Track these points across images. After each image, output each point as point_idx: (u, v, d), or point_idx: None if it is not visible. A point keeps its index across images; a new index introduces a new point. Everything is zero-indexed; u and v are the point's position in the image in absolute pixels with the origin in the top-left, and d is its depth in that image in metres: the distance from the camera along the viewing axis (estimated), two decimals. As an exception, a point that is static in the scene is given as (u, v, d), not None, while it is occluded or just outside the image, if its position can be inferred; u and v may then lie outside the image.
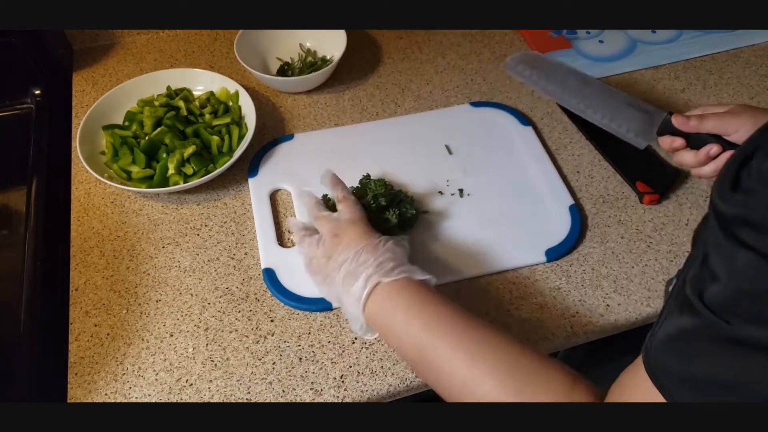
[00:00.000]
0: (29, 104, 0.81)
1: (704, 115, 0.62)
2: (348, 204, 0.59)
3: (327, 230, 0.57)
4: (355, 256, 0.53)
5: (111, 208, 0.71)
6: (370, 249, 0.53)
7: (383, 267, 0.52)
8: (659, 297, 0.63)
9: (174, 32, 0.93)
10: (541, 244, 0.66)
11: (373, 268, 0.52)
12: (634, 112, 0.66)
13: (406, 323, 0.49)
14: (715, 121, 0.61)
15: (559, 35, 0.94)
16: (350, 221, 0.57)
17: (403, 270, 0.52)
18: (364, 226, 0.57)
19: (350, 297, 0.52)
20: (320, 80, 0.83)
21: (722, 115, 0.61)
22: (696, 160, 0.62)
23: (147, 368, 0.58)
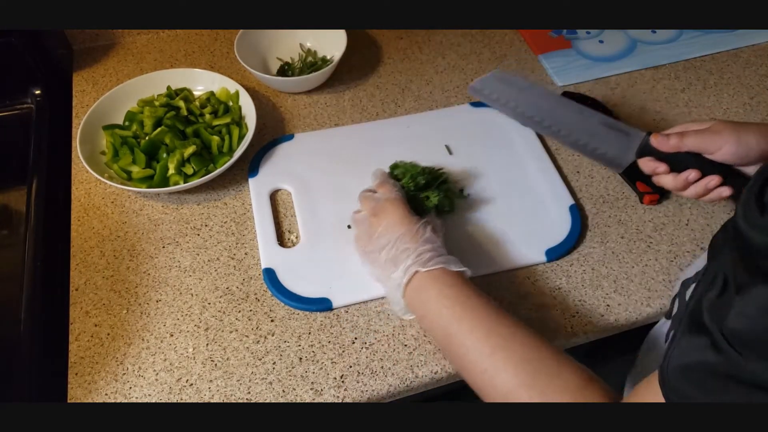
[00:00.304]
0: (29, 104, 0.81)
1: (684, 133, 0.59)
2: (386, 186, 0.62)
3: (368, 209, 0.61)
4: (395, 242, 0.56)
5: (111, 208, 0.71)
6: (410, 236, 0.56)
7: (422, 257, 0.55)
8: (659, 297, 0.63)
9: (174, 32, 0.93)
10: (541, 244, 0.66)
11: (412, 258, 0.55)
12: (611, 133, 0.63)
13: (437, 311, 0.52)
14: (696, 138, 0.58)
15: (559, 35, 0.94)
16: (389, 201, 0.60)
17: (439, 261, 0.55)
18: (403, 209, 0.59)
19: (391, 282, 0.56)
20: (320, 80, 0.83)
21: (702, 132, 0.58)
22: (674, 184, 0.61)
23: (147, 368, 0.58)
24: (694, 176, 0.59)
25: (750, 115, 0.82)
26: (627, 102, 0.84)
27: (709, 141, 0.58)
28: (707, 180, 0.59)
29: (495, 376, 0.47)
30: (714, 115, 0.82)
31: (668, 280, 0.64)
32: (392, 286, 0.56)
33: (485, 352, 0.48)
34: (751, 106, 0.83)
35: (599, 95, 0.85)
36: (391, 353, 0.59)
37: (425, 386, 0.59)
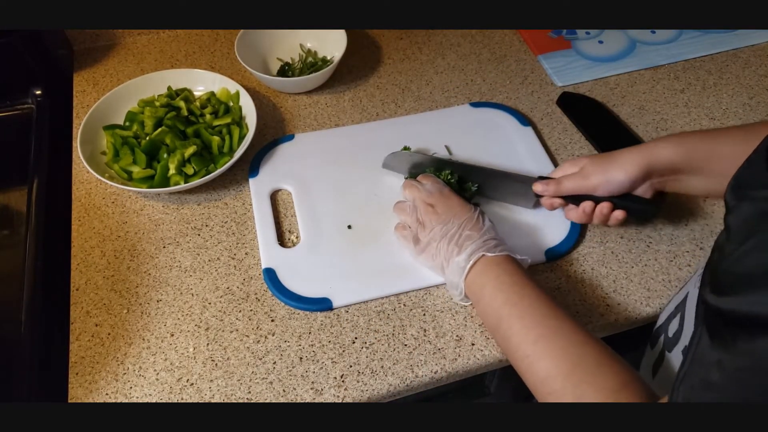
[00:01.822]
0: (30, 104, 0.81)
1: (561, 179, 0.63)
2: (430, 177, 0.66)
3: (418, 198, 0.64)
4: (459, 229, 0.59)
5: (112, 208, 0.71)
6: (472, 223, 0.60)
7: (488, 243, 0.58)
8: (659, 297, 0.63)
9: (174, 32, 0.94)
10: (541, 244, 0.66)
11: (478, 244, 0.57)
12: (511, 184, 0.68)
13: (493, 294, 0.55)
14: (572, 183, 0.62)
15: (559, 35, 0.94)
16: (440, 191, 0.64)
17: (504, 248, 0.58)
18: (456, 197, 0.63)
19: (453, 266, 0.58)
20: (320, 81, 0.83)
21: (575, 177, 0.62)
22: (578, 217, 0.63)
23: (148, 368, 0.58)
24: (590, 207, 0.62)
25: (750, 115, 0.82)
26: (627, 102, 0.84)
27: (583, 185, 0.62)
28: (600, 208, 0.62)
29: (535, 362, 0.49)
30: (713, 116, 0.82)
31: (668, 280, 0.65)
32: (454, 271, 0.58)
33: (530, 339, 0.50)
34: (750, 106, 0.83)
35: (599, 95, 0.85)
36: (391, 353, 0.59)
37: (425, 386, 0.59)
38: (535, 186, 0.65)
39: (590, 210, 0.62)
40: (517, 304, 0.53)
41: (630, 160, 0.60)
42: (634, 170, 0.59)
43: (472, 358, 0.59)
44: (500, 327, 0.53)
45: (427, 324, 0.61)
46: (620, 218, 0.62)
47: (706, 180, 0.59)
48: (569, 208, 0.65)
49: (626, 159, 0.60)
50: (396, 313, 0.62)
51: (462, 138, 0.78)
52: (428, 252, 0.61)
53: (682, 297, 0.53)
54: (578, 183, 0.62)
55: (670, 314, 0.55)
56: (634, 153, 0.60)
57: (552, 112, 0.83)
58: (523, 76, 0.88)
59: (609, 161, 0.61)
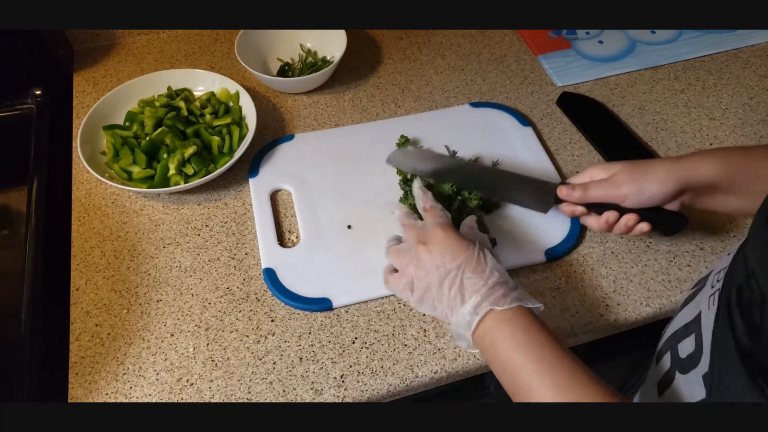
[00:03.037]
0: (30, 104, 0.81)
1: (588, 185, 0.60)
2: (434, 212, 0.58)
3: (413, 238, 0.56)
4: (458, 272, 0.52)
5: (112, 209, 0.71)
6: (473, 264, 0.52)
7: (494, 292, 0.50)
8: (659, 297, 0.63)
9: (174, 33, 0.94)
10: (541, 244, 0.66)
11: (483, 294, 0.50)
12: (528, 187, 0.64)
13: (507, 356, 0.48)
14: (599, 190, 0.59)
15: (559, 35, 0.94)
16: (439, 226, 0.55)
17: (515, 297, 0.51)
18: (455, 233, 0.55)
19: (458, 318, 0.51)
20: (320, 81, 0.83)
21: (604, 184, 0.59)
22: (599, 225, 0.61)
23: (148, 368, 0.58)
24: (614, 218, 0.59)
25: (750, 115, 0.82)
26: (627, 102, 0.84)
27: (611, 193, 0.58)
28: (625, 219, 0.58)
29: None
30: (713, 116, 0.82)
31: (668, 280, 0.65)
32: (459, 323, 0.51)
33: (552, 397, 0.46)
34: (750, 106, 0.83)
35: (599, 96, 0.85)
36: (391, 353, 0.59)
37: (425, 386, 0.59)
38: (559, 189, 0.62)
39: (614, 221, 0.59)
40: (535, 370, 0.47)
41: (667, 173, 0.56)
42: (669, 184, 0.56)
43: (472, 358, 0.59)
44: (519, 392, 0.48)
45: (427, 324, 0.61)
46: (645, 231, 0.58)
47: (742, 200, 0.56)
48: (589, 216, 0.61)
49: (663, 171, 0.56)
50: (396, 313, 0.62)
51: (462, 138, 0.78)
52: (428, 300, 0.54)
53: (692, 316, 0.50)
54: (607, 191, 0.58)
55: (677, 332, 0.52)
56: (674, 166, 0.56)
57: (552, 112, 0.83)
58: (523, 76, 0.88)
59: (643, 171, 0.57)
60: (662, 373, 0.53)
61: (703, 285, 0.52)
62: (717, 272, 0.49)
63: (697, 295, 0.52)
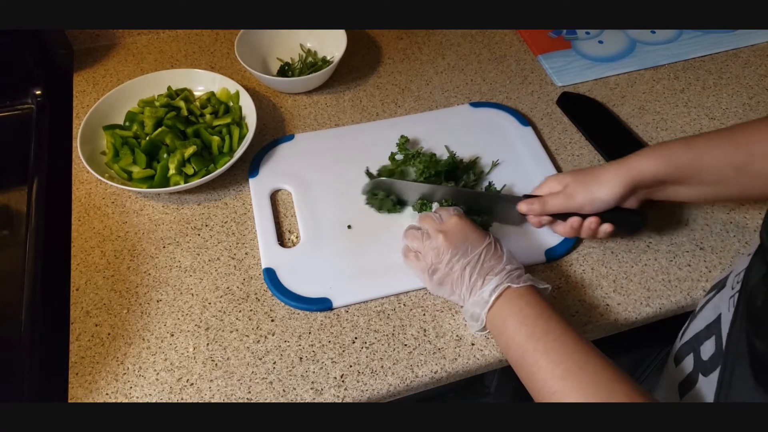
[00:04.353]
0: (30, 104, 0.81)
1: (545, 199, 0.63)
2: (446, 209, 0.62)
3: (430, 226, 0.60)
4: (480, 259, 0.56)
5: (112, 209, 0.71)
6: (491, 252, 0.57)
7: (512, 274, 0.55)
8: (659, 297, 0.63)
9: (174, 33, 0.94)
10: (541, 244, 0.66)
11: (502, 275, 0.55)
12: (498, 204, 0.67)
13: (517, 328, 0.52)
14: (557, 202, 0.62)
15: (559, 35, 0.94)
16: (453, 216, 0.60)
17: (528, 278, 0.55)
18: (470, 222, 0.60)
19: (476, 298, 0.55)
20: (320, 81, 0.83)
21: (560, 196, 0.62)
22: (565, 232, 0.64)
23: (148, 368, 0.58)
24: (577, 223, 0.62)
25: (750, 115, 0.82)
26: (627, 102, 0.84)
27: (568, 204, 0.61)
28: (588, 223, 0.61)
29: (563, 399, 0.47)
30: (713, 116, 0.82)
31: (668, 280, 0.65)
32: (477, 302, 0.55)
33: (557, 375, 0.48)
34: (750, 106, 0.83)
35: (599, 96, 0.85)
36: (391, 353, 0.59)
37: (425, 386, 0.59)
38: (519, 206, 0.65)
39: (578, 225, 0.62)
40: (541, 338, 0.51)
41: (613, 177, 0.59)
42: (618, 188, 0.59)
43: (472, 358, 0.59)
44: (525, 362, 0.51)
45: (427, 324, 0.61)
46: (608, 231, 0.62)
47: (692, 189, 0.59)
48: (556, 224, 0.64)
49: (609, 176, 0.59)
50: (396, 313, 0.62)
51: (462, 138, 0.78)
52: (447, 284, 0.58)
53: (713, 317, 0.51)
54: (563, 202, 0.61)
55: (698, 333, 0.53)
56: (618, 169, 0.59)
57: (552, 112, 0.83)
58: (523, 76, 0.88)
59: (592, 179, 0.60)
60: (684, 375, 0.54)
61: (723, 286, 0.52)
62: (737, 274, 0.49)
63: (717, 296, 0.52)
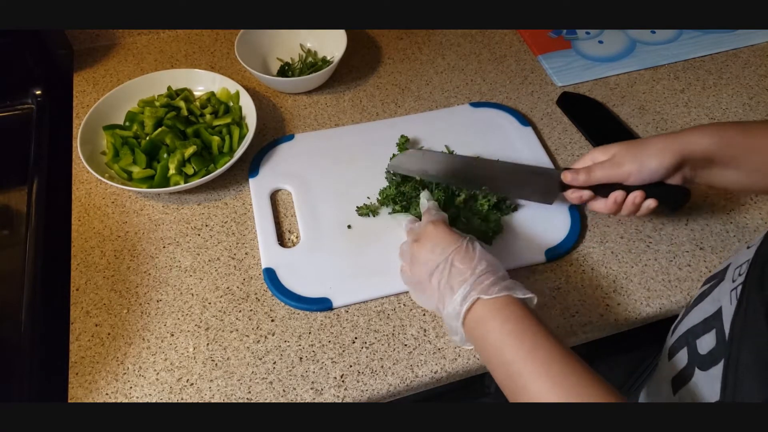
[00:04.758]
0: (30, 104, 0.81)
1: (591, 168, 0.61)
2: (429, 212, 0.60)
3: (409, 238, 0.59)
4: (446, 263, 0.52)
5: (112, 208, 0.71)
6: (461, 255, 0.52)
7: (482, 281, 0.50)
8: (659, 297, 0.63)
9: (174, 33, 0.94)
10: (541, 244, 0.66)
11: (471, 283, 0.50)
12: (532, 177, 0.65)
13: (499, 348, 0.48)
14: (602, 172, 0.60)
15: (559, 35, 0.94)
16: (428, 224, 0.57)
17: (504, 287, 0.50)
18: (445, 227, 0.56)
19: (448, 310, 0.51)
20: (320, 81, 0.83)
21: (606, 165, 0.60)
22: (606, 208, 0.62)
23: (148, 368, 0.58)
24: (621, 197, 0.60)
25: (749, 114, 0.82)
26: (627, 102, 0.84)
27: (615, 173, 0.60)
28: (632, 197, 0.60)
29: None
30: (713, 116, 0.82)
31: (668, 280, 0.65)
32: (450, 315, 0.51)
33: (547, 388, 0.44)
34: (750, 106, 0.83)
35: (599, 96, 0.85)
36: (391, 353, 0.59)
37: (425, 386, 0.59)
38: (564, 175, 0.62)
39: (621, 200, 0.60)
40: (529, 360, 0.46)
41: (664, 147, 0.58)
42: (668, 158, 0.57)
43: (472, 358, 0.59)
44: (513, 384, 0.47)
45: (427, 324, 0.61)
46: (652, 207, 0.60)
47: (739, 173, 0.57)
48: (597, 201, 0.62)
49: (660, 146, 0.58)
50: (396, 313, 0.62)
51: (462, 138, 0.78)
52: (423, 292, 0.55)
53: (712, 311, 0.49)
54: (610, 171, 0.59)
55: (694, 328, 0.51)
56: (669, 140, 0.58)
57: (552, 112, 0.83)
58: (523, 76, 0.88)
59: (642, 148, 0.59)
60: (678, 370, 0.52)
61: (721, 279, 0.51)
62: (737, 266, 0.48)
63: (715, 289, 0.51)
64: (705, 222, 0.70)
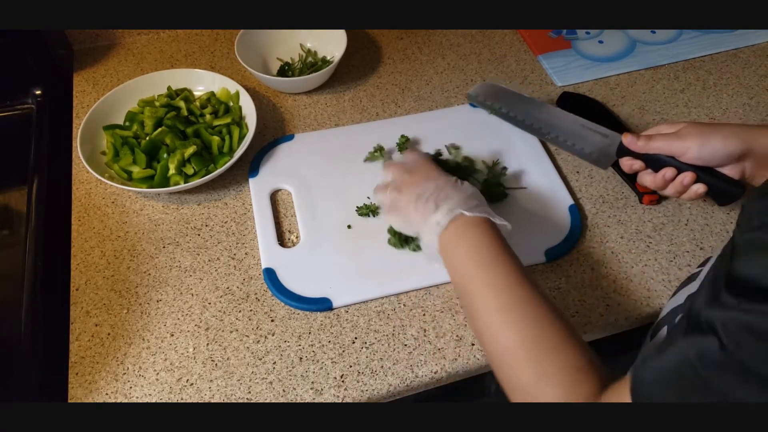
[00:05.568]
0: (30, 104, 0.81)
1: (652, 136, 0.61)
2: (412, 151, 0.64)
3: (397, 171, 0.62)
4: (436, 189, 0.57)
5: (112, 208, 0.71)
6: (451, 185, 0.57)
7: (468, 202, 0.55)
8: (659, 297, 0.63)
9: (174, 32, 0.94)
10: (541, 244, 0.66)
11: (458, 200, 0.55)
12: (593, 135, 0.66)
13: (466, 256, 0.52)
14: (662, 142, 0.60)
15: (559, 35, 0.94)
16: (419, 159, 0.61)
17: (484, 210, 0.55)
18: (434, 164, 0.61)
19: (428, 224, 0.55)
20: (320, 81, 0.83)
21: (669, 136, 0.60)
22: (654, 182, 0.62)
23: (148, 368, 0.58)
24: (671, 174, 0.60)
25: (749, 115, 0.82)
26: (627, 102, 0.84)
27: (675, 144, 0.59)
28: (682, 177, 0.60)
29: (499, 332, 0.48)
30: (713, 116, 0.82)
31: (668, 280, 0.65)
32: (430, 228, 0.55)
33: (496, 306, 0.48)
34: (750, 106, 0.83)
35: (599, 95, 0.85)
36: (391, 353, 0.59)
37: (425, 386, 0.59)
38: (624, 136, 0.62)
39: (671, 177, 0.60)
40: (489, 269, 0.51)
41: (734, 133, 0.57)
42: (734, 144, 0.56)
43: (472, 358, 0.59)
44: (467, 290, 0.51)
45: (427, 324, 0.61)
46: (700, 193, 0.59)
47: None
48: (646, 173, 0.62)
49: (730, 131, 0.57)
50: (396, 313, 0.62)
51: (462, 138, 0.77)
52: (405, 215, 0.58)
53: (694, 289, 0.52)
54: (670, 141, 0.59)
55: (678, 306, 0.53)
56: (741, 128, 0.57)
57: (552, 112, 0.83)
58: (523, 76, 0.88)
59: (710, 128, 0.58)
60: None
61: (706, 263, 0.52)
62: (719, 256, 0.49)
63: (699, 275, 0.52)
64: (705, 222, 0.70)
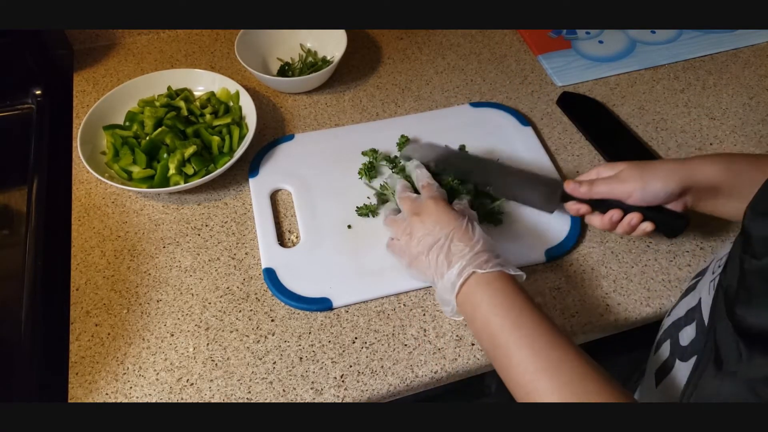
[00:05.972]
0: (30, 104, 0.81)
1: (594, 182, 0.61)
2: (430, 188, 0.62)
3: (408, 209, 0.61)
4: (447, 240, 0.55)
5: (112, 208, 0.71)
6: (460, 233, 0.56)
7: (478, 257, 0.54)
8: (659, 297, 0.63)
9: (174, 33, 0.94)
10: (541, 244, 0.66)
11: (468, 258, 0.54)
12: (534, 185, 0.66)
13: (487, 318, 0.51)
14: (605, 187, 0.60)
15: (559, 35, 0.94)
16: (429, 199, 0.60)
17: (497, 263, 0.54)
18: (446, 205, 0.59)
19: (444, 282, 0.54)
20: (320, 81, 0.83)
21: (611, 180, 0.60)
22: (602, 224, 0.61)
23: (148, 368, 0.58)
24: (618, 216, 0.60)
25: (749, 115, 0.82)
26: (627, 102, 0.84)
27: (617, 189, 0.59)
28: (629, 218, 0.59)
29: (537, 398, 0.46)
30: (713, 116, 0.82)
31: (667, 280, 0.65)
32: (445, 287, 0.54)
33: (530, 370, 0.47)
34: (750, 106, 0.83)
35: (599, 95, 0.85)
36: (391, 353, 0.59)
37: (425, 386, 0.59)
38: (566, 184, 0.62)
39: (617, 219, 0.60)
40: (514, 331, 0.49)
41: (671, 171, 0.57)
42: (673, 183, 0.57)
43: (472, 358, 0.59)
44: (498, 353, 0.50)
45: (427, 324, 0.61)
46: (648, 230, 0.59)
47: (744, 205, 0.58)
48: (594, 215, 0.62)
49: (667, 170, 0.58)
50: (396, 313, 0.62)
51: (462, 138, 0.77)
52: (418, 265, 0.58)
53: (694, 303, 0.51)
54: (612, 186, 0.59)
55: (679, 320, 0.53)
56: (677, 166, 0.58)
57: (552, 112, 0.83)
58: (523, 76, 0.88)
59: (648, 169, 0.59)
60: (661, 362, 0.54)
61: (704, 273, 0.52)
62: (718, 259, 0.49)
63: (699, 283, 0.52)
64: (705, 222, 0.70)
